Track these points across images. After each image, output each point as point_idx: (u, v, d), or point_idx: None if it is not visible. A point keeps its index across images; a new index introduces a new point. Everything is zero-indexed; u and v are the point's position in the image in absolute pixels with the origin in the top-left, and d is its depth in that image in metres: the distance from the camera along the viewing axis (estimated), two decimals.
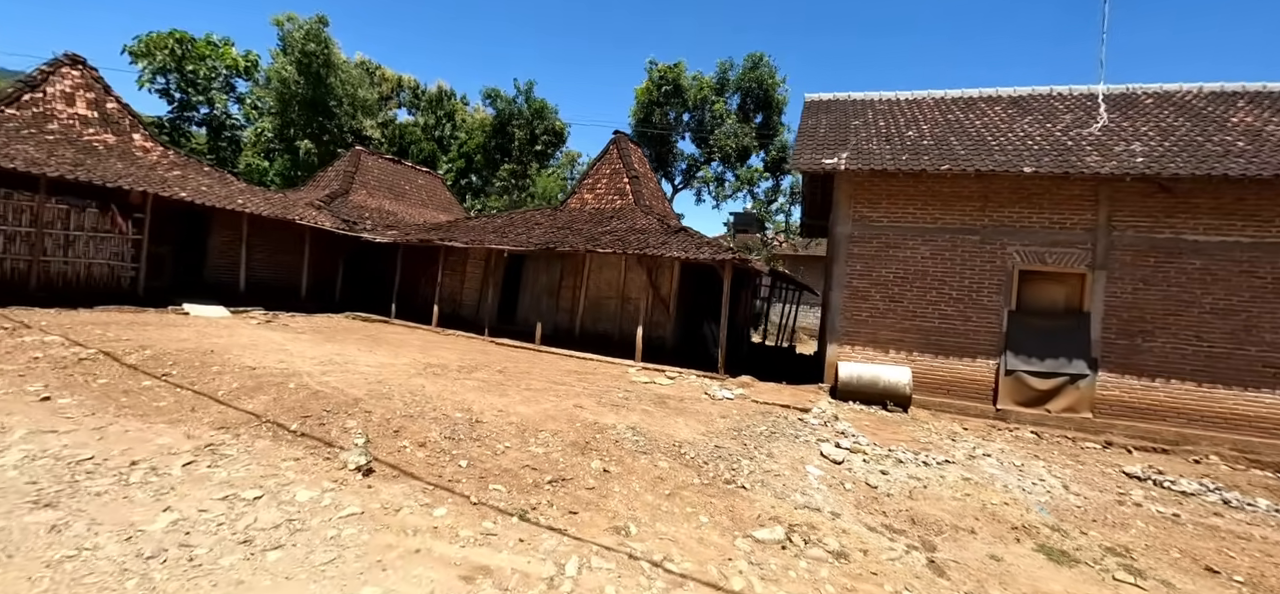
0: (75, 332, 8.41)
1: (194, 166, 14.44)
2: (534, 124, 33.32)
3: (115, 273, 11.67)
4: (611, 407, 7.84)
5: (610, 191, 17.93)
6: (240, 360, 7.74)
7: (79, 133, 12.91)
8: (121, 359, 7.13)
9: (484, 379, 8.62)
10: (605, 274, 14.89)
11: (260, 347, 8.95)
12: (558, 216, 17.13)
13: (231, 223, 14.61)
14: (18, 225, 10.38)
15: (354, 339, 11.31)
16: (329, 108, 37.01)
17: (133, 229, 11.77)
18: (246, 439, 5.14)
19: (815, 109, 14.78)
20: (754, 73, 29.03)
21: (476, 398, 7.29)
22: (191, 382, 6.56)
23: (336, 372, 7.78)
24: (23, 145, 10.91)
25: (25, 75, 13.38)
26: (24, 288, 10.45)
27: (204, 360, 7.47)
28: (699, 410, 8.35)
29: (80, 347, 7.50)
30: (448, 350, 11.17)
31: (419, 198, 24.20)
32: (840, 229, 12.02)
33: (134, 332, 8.96)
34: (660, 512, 4.83)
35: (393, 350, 10.38)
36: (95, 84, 13.97)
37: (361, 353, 9.66)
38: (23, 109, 12.33)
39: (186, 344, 8.38)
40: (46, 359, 6.85)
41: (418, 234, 15.38)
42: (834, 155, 11.86)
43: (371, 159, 23.02)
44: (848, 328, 11.90)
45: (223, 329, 10.34)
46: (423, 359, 9.77)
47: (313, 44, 34.91)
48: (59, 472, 4.04)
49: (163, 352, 7.68)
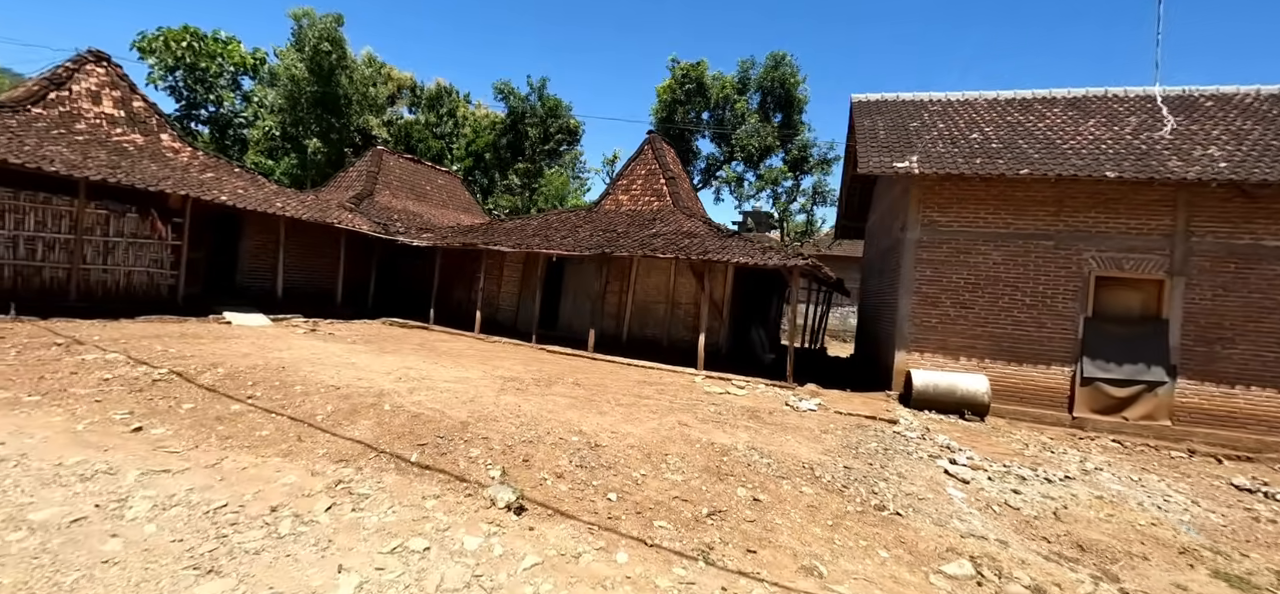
0: (132, 347, 7.87)
1: (225, 167, 13.84)
2: (548, 122, 32.78)
3: (155, 280, 11.07)
4: (713, 423, 7.43)
5: (646, 193, 17.51)
6: (316, 378, 7.24)
7: (108, 133, 12.29)
8: (195, 380, 6.62)
9: (569, 394, 8.16)
10: (653, 278, 14.46)
11: (326, 361, 8.44)
12: (594, 218, 16.68)
13: (264, 226, 14.03)
14: (57, 231, 9.76)
15: (409, 349, 10.81)
16: (339, 106, 36.29)
17: (171, 234, 11.18)
18: (371, 473, 4.67)
19: (868, 110, 14.42)
20: (776, 72, 28.65)
21: (577, 416, 6.84)
22: (281, 405, 6.06)
23: (421, 389, 7.30)
24: (55, 146, 10.30)
25: (49, 72, 12.73)
26: (63, 298, 9.85)
27: (281, 379, 6.97)
28: (796, 425, 7.96)
29: (147, 365, 6.97)
30: (509, 360, 10.69)
31: (439, 198, 23.63)
32: (909, 234, 11.66)
33: (190, 346, 8.42)
34: (836, 546, 4.45)
35: (455, 361, 9.89)
36: (120, 82, 13.35)
37: (429, 365, 9.16)
38: (50, 108, 11.70)
39: (251, 360, 7.86)
40: (117, 381, 6.33)
41: (459, 238, 14.86)
42: (904, 158, 11.50)
43: (392, 159, 22.44)
44: (916, 334, 11.55)
45: (275, 340, 9.81)
46: (494, 371, 9.29)
47: (326, 43, 34.16)
48: (199, 524, 3.56)
49: (234, 370, 7.17)
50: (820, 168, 29.18)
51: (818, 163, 29.07)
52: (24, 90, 12.36)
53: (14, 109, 11.03)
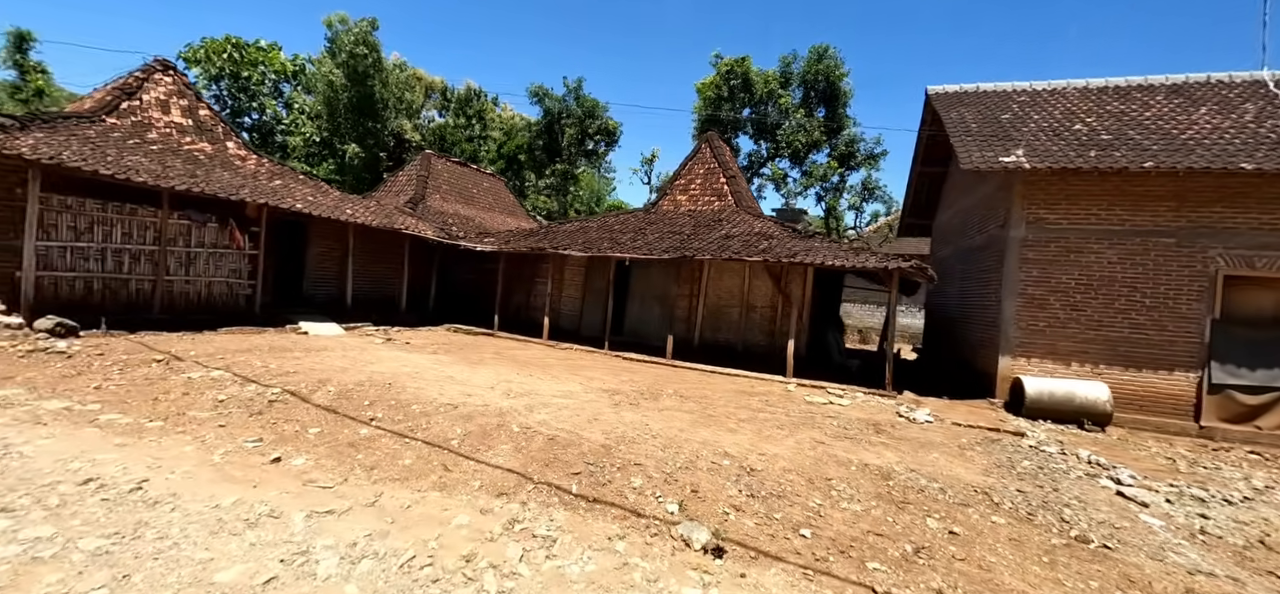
0: (230, 362, 7.58)
1: (290, 175, 13.64)
2: (585, 122, 32.37)
3: (233, 291, 10.87)
4: (846, 440, 6.89)
5: (706, 192, 16.98)
6: (426, 394, 6.87)
7: (178, 142, 12.13)
8: (310, 400, 6.27)
9: (681, 408, 7.67)
10: (725, 281, 13.93)
11: (424, 374, 8.08)
12: (655, 220, 16.21)
13: (330, 233, 13.82)
14: (142, 243, 9.57)
15: (491, 358, 10.42)
16: (375, 110, 36.38)
17: (249, 244, 10.96)
18: (538, 508, 4.23)
19: (951, 102, 13.70)
20: (819, 65, 27.85)
21: (709, 434, 6.35)
22: (408, 428, 5.67)
23: (538, 407, 6.88)
24: (135, 156, 10.12)
25: (119, 81, 12.64)
26: (148, 310, 9.66)
27: (394, 398, 6.60)
28: (928, 439, 7.36)
29: (255, 383, 6.65)
30: (595, 370, 10.24)
31: (486, 201, 23.37)
32: (1012, 232, 10.95)
33: (284, 360, 8.12)
34: (1064, 587, 3.92)
35: (546, 372, 9.47)
36: (186, 90, 13.21)
37: (524, 377, 8.75)
38: (122, 118, 11.56)
39: (352, 375, 7.52)
40: (232, 402, 6.00)
41: (525, 242, 14.49)
42: (1009, 152, 10.79)
43: (440, 162, 22.22)
44: (1022, 339, 10.84)
45: (360, 351, 9.50)
46: (591, 383, 8.84)
47: (362, 47, 34.25)
48: (400, 582, 3.13)
49: (343, 387, 6.82)
50: (867, 163, 28.32)
51: (865, 157, 28.22)
52: (97, 100, 12.29)
53: (90, 119, 10.90)
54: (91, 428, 4.96)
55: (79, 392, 5.99)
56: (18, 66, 24.49)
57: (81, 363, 7.05)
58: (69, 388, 6.08)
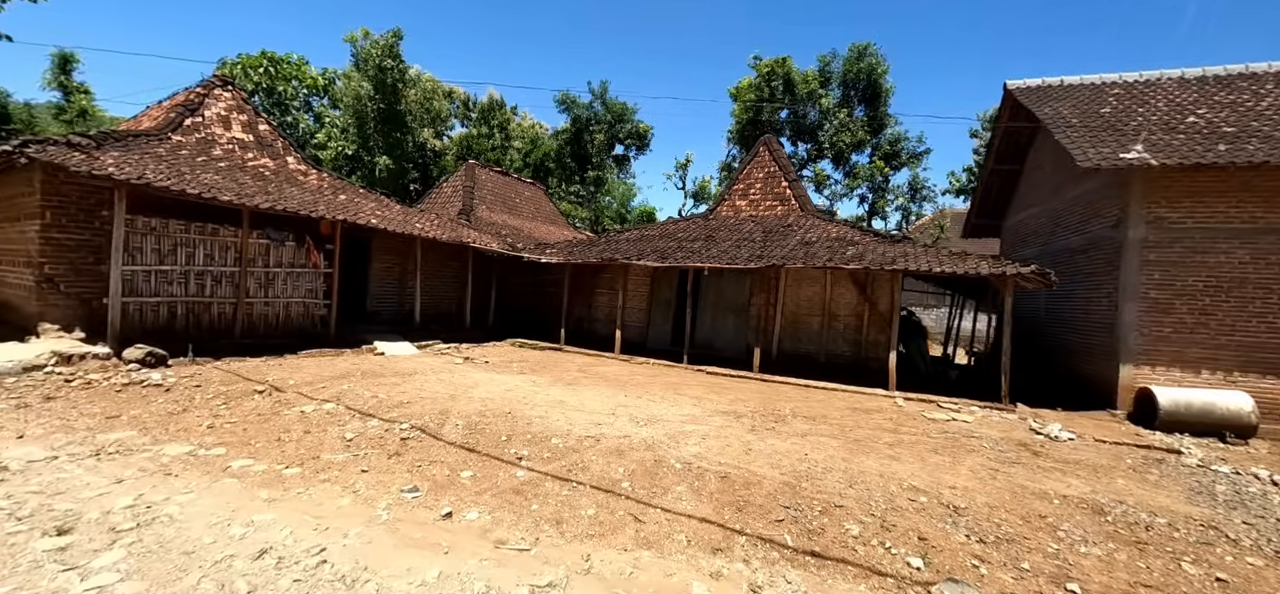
0: (337, 393, 7.09)
1: (352, 189, 13.23)
2: (615, 127, 31.88)
3: (309, 311, 10.42)
4: (1017, 467, 6.23)
5: (768, 197, 16.37)
6: (555, 425, 6.33)
7: (242, 159, 11.75)
8: (441, 436, 5.74)
9: (817, 431, 7.05)
10: (805, 289, 13.29)
11: (535, 400, 7.54)
12: (717, 226, 15.63)
13: (391, 248, 13.39)
14: (223, 264, 9.14)
15: (579, 376, 9.86)
16: (403, 122, 36.23)
17: (324, 262, 10.52)
18: (763, 567, 3.65)
19: (1043, 97, 13.01)
20: (859, 63, 27.18)
21: (878, 465, 5.74)
22: (564, 469, 5.11)
23: (681, 439, 6.30)
24: (208, 174, 9.72)
25: (181, 98, 12.31)
26: (229, 334, 9.23)
27: (528, 431, 6.07)
28: (1093, 462, 6.68)
29: (373, 417, 6.14)
30: (695, 387, 9.65)
31: (529, 210, 22.93)
32: (1131, 232, 10.23)
33: (384, 386, 7.62)
34: None
35: (646, 391, 8.89)
36: (245, 106, 12.85)
37: (634, 398, 8.17)
38: (187, 135, 11.20)
39: (466, 404, 7.01)
40: (363, 440, 5.48)
41: (595, 253, 13.95)
42: (1126, 147, 10.09)
43: (484, 172, 21.82)
44: (1145, 346, 10.10)
45: (452, 373, 8.98)
46: (705, 404, 8.22)
47: (389, 59, 34.14)
48: None
49: (468, 420, 6.30)
50: (911, 161, 27.53)
51: (909, 156, 27.44)
52: (156, 118, 11.96)
53: (158, 137, 10.54)
54: (229, 479, 4.45)
55: (193, 431, 5.50)
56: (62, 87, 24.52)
57: (182, 396, 6.58)
58: (181, 427, 5.60)
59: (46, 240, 8.29)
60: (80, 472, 4.38)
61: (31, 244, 8.39)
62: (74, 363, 7.21)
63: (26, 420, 5.46)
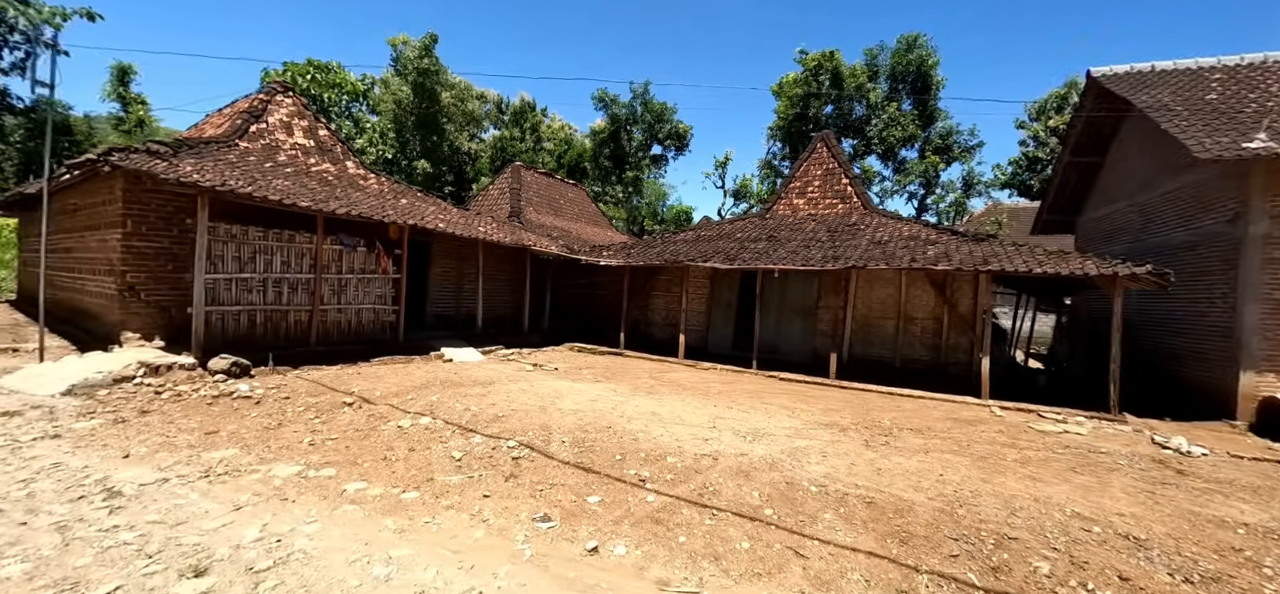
0: (429, 405, 6.84)
1: (411, 193, 13.11)
2: (655, 127, 31.46)
3: (379, 317, 10.28)
4: (1169, 488, 5.62)
5: (827, 194, 15.79)
6: (664, 441, 5.96)
7: (305, 164, 11.69)
8: (550, 453, 5.40)
9: (938, 447, 6.53)
10: (877, 291, 12.69)
11: (625, 411, 7.18)
12: (773, 226, 15.10)
13: (450, 252, 13.22)
14: (299, 271, 9.02)
15: (655, 383, 9.48)
16: (440, 126, 36.45)
17: (392, 267, 10.36)
18: None
19: (1134, 85, 12.17)
20: (908, 55, 26.25)
21: (1023, 487, 5.20)
22: (691, 491, 4.72)
23: (800, 455, 5.85)
24: (279, 180, 9.62)
25: (245, 104, 12.31)
26: (305, 342, 9.11)
27: (638, 448, 5.71)
28: (1251, 483, 6.01)
29: (474, 433, 5.85)
30: (779, 395, 9.18)
31: (573, 211, 22.69)
32: (1252, 228, 9.41)
33: (469, 397, 7.35)
34: None
35: (733, 400, 8.45)
36: (305, 111, 12.81)
37: (725, 409, 7.74)
38: (252, 142, 11.16)
39: (560, 417, 6.68)
40: (472, 460, 5.18)
41: (655, 254, 13.57)
42: (1248, 136, 9.28)
43: (529, 174, 21.65)
44: (1270, 351, 9.27)
45: (530, 381, 8.69)
46: (802, 414, 7.75)
47: (426, 59, 34.37)
48: None
49: (573, 436, 5.97)
50: (965, 155, 26.45)
51: (963, 150, 26.38)
52: (226, 125, 11.95)
53: (227, 144, 10.50)
54: (348, 505, 4.16)
55: (294, 448, 5.27)
56: (120, 99, 25.25)
57: (274, 409, 6.39)
58: (281, 444, 5.37)
59: (128, 249, 8.25)
60: (195, 496, 4.15)
61: (113, 252, 8.37)
62: (161, 373, 7.10)
63: (128, 437, 5.30)
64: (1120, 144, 14.32)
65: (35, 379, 6.73)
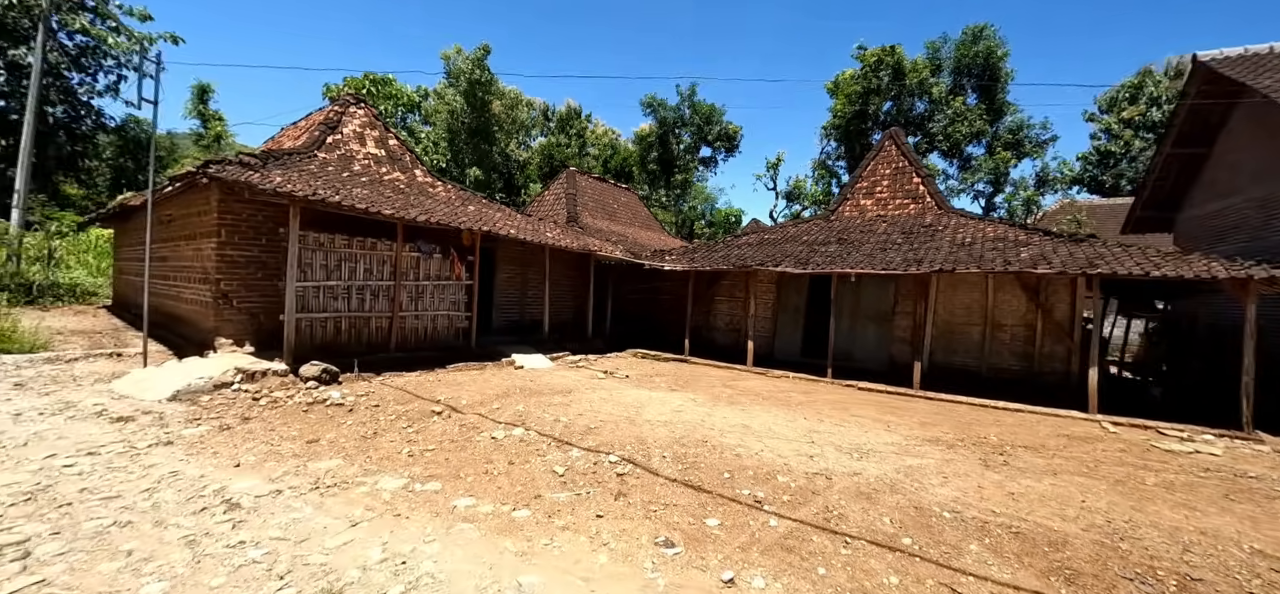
0: (522, 415, 6.74)
1: (477, 200, 13.22)
2: (704, 129, 31.08)
3: (452, 323, 10.35)
4: None
5: (897, 194, 15.10)
6: (765, 457, 5.64)
7: (378, 173, 11.91)
8: (653, 469, 5.17)
9: (1062, 468, 5.97)
10: (960, 296, 11.98)
11: (713, 423, 6.89)
12: (841, 228, 14.52)
13: (514, 258, 13.25)
14: (380, 278, 9.15)
15: (731, 393, 9.15)
16: (491, 134, 37.13)
17: (465, 274, 10.42)
18: None
19: (1250, 68, 11.13)
20: (974, 47, 25.01)
21: (1189, 519, 4.63)
22: (813, 515, 4.40)
23: (918, 475, 5.43)
24: (359, 189, 9.79)
25: (320, 116, 12.68)
26: (384, 348, 9.23)
27: (743, 464, 5.41)
28: None
29: (569, 445, 5.68)
30: (864, 406, 8.71)
31: (626, 216, 22.56)
32: None
33: (552, 406, 7.22)
34: None
35: (816, 411, 8.04)
36: (376, 122, 13.10)
37: (815, 422, 7.35)
38: (329, 152, 11.44)
39: (648, 429, 6.45)
40: (575, 475, 5.00)
41: (725, 259, 13.24)
42: None
43: (583, 179, 21.65)
44: None
45: (605, 389, 8.52)
46: (899, 429, 7.28)
47: (478, 70, 35.07)
48: None
49: (672, 450, 5.73)
50: (1037, 150, 24.95)
51: (1035, 145, 24.89)
52: (305, 137, 12.32)
53: (307, 155, 10.78)
54: (462, 524, 4.01)
55: (394, 459, 5.21)
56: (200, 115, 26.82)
57: (366, 417, 6.39)
58: (381, 455, 5.32)
59: (222, 257, 8.51)
60: (309, 510, 4.09)
61: (209, 261, 8.66)
62: (257, 380, 7.25)
63: (235, 445, 5.35)
64: (1230, 134, 13.11)
65: (142, 384, 6.96)
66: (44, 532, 3.52)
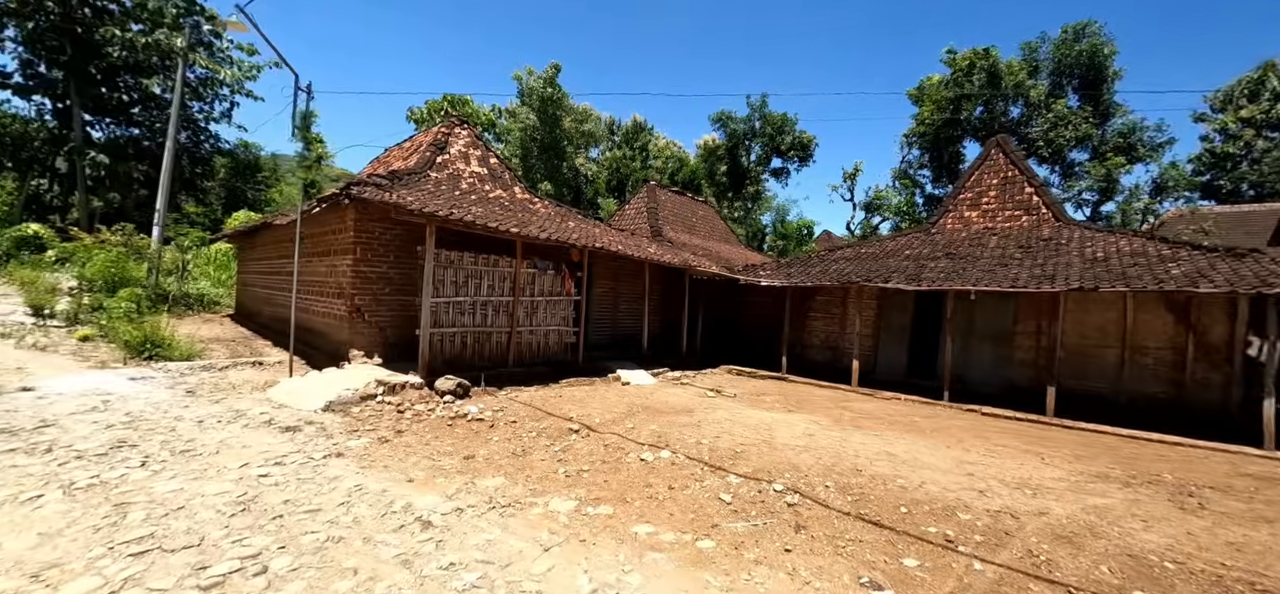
0: (660, 435, 6.69)
1: (574, 216, 13.46)
2: (776, 139, 30.56)
3: (561, 338, 10.55)
4: None
5: (1007, 205, 14.23)
6: (929, 490, 5.31)
7: (483, 191, 12.31)
8: (825, 502, 4.97)
9: (1265, 513, 5.32)
10: (1092, 316, 11.10)
11: (858, 451, 6.59)
12: (945, 242, 13.81)
13: (608, 273, 13.36)
14: (501, 294, 9.44)
15: (837, 412, 8.78)
16: (561, 149, 38.00)
17: (574, 289, 10.60)
18: None
19: None
20: (1075, 46, 23.41)
21: None
22: (1018, 560, 4.06)
23: (1113, 522, 4.96)
24: (477, 207, 10.12)
25: (425, 138, 13.26)
26: (504, 362, 9.49)
27: (923, 502, 5.12)
28: None
29: (727, 472, 5.55)
30: (1002, 436, 8.14)
31: (705, 229, 22.41)
32: None
33: (681, 427, 7.14)
34: None
35: (953, 439, 7.56)
36: (478, 141, 13.54)
37: (948, 448, 6.92)
38: (440, 172, 11.90)
39: (795, 456, 6.24)
40: (743, 503, 4.87)
41: (824, 275, 12.86)
42: None
43: (663, 193, 21.67)
44: None
45: (721, 408, 8.38)
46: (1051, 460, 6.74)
47: (551, 89, 36.01)
48: None
49: (836, 480, 5.51)
50: (1153, 154, 22.97)
51: (1151, 149, 22.92)
52: (415, 157, 12.88)
53: (421, 176, 11.26)
54: (652, 553, 3.94)
55: (552, 479, 5.24)
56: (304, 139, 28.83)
57: (509, 433, 6.51)
58: (538, 474, 5.37)
59: (357, 274, 8.97)
60: (497, 532, 4.12)
61: (344, 277, 9.14)
62: (397, 393, 7.55)
63: (401, 459, 5.54)
64: None
65: (295, 394, 7.37)
66: (271, 545, 3.69)
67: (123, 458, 5.02)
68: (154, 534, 3.70)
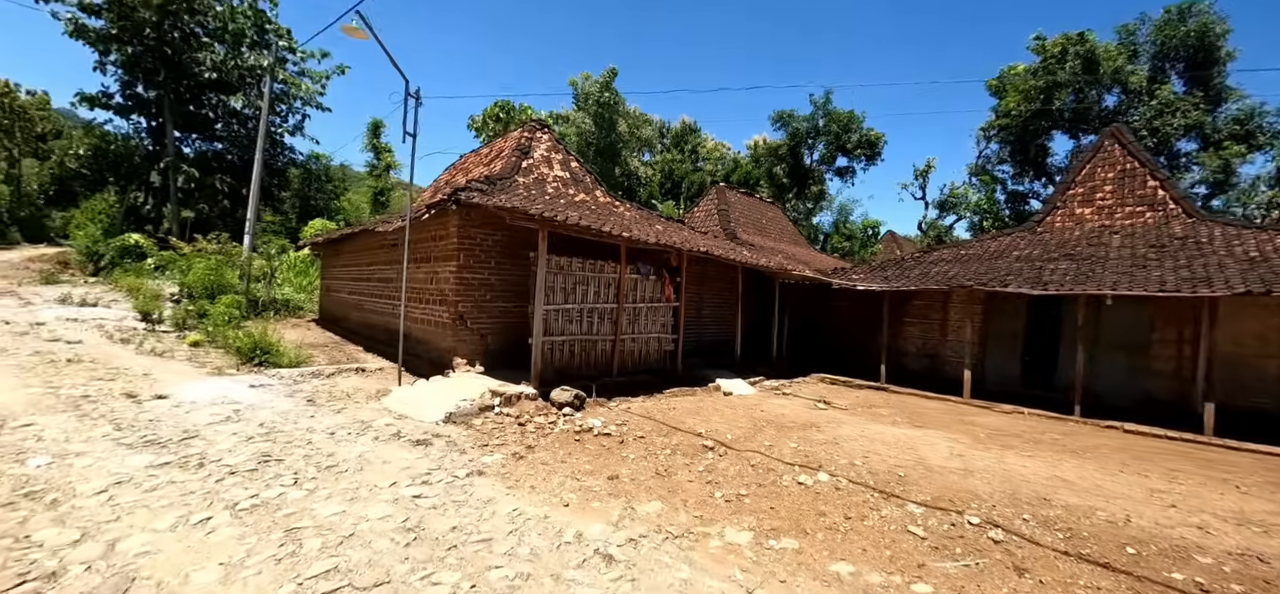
0: (803, 453, 6.23)
1: (659, 218, 13.13)
2: (841, 137, 29.49)
3: (661, 346, 10.22)
4: None
5: (1126, 201, 13.05)
6: (1142, 526, 4.65)
7: (568, 195, 12.10)
8: (1035, 540, 4.40)
9: None
10: (1245, 324, 9.97)
11: (1021, 473, 5.96)
12: (1056, 241, 12.75)
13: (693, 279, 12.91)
14: (606, 301, 9.19)
15: (958, 427, 8.07)
16: (618, 152, 37.93)
17: (674, 295, 10.26)
18: None
19: None
20: (1180, 27, 21.54)
21: None
22: None
23: None
24: (570, 211, 9.89)
25: (506, 144, 13.18)
26: (608, 371, 9.23)
27: (1121, 536, 4.49)
28: None
29: (903, 500, 5.05)
30: (1161, 458, 7.28)
31: (775, 230, 21.74)
32: None
33: (814, 443, 6.65)
34: None
35: (1128, 466, 6.78)
36: (558, 146, 13.38)
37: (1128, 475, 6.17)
38: (526, 176, 11.76)
39: (957, 481, 5.67)
40: (937, 538, 4.36)
41: (927, 278, 12.10)
42: None
43: (732, 194, 21.14)
44: None
45: (847, 422, 7.83)
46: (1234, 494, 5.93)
47: (607, 93, 35.98)
48: None
49: (1032, 512, 4.93)
50: (1273, 142, 20.84)
51: (1271, 136, 20.80)
52: (500, 163, 12.79)
53: (509, 181, 11.14)
54: None
55: (712, 504, 4.86)
56: (373, 148, 29.88)
57: (640, 450, 6.18)
58: (693, 498, 5.00)
59: (460, 280, 8.87)
60: (686, 569, 3.73)
61: (446, 284, 9.06)
62: (513, 404, 7.35)
63: (545, 479, 5.26)
64: None
65: (413, 405, 7.26)
66: (462, 582, 3.41)
67: (274, 475, 4.92)
68: (338, 567, 3.49)
